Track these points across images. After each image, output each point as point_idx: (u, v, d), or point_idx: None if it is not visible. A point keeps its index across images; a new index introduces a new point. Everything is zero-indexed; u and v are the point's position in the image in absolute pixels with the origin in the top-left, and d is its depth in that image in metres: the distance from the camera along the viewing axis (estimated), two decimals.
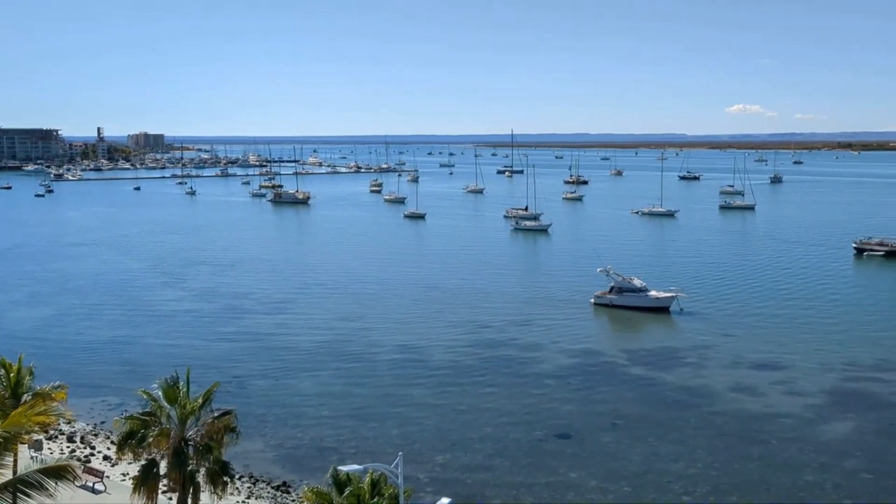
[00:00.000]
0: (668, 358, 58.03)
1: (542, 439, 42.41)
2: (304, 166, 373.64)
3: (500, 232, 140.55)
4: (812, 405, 47.40)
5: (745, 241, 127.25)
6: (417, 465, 38.45)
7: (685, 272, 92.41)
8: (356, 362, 57.16)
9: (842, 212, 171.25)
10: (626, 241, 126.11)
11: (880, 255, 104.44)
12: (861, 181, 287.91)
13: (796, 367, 54.99)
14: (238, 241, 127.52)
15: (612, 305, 73.79)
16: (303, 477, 37.34)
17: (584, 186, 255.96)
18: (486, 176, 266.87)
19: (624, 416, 45.80)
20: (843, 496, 35.39)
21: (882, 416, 45.41)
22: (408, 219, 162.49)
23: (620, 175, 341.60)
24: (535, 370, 54.98)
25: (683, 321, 69.32)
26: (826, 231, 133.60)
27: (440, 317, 71.47)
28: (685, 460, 39.40)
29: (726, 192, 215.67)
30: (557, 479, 37.38)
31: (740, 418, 45.33)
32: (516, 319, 69.86)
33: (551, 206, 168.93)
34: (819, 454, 39.96)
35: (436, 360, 57.46)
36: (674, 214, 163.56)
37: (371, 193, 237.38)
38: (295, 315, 72.95)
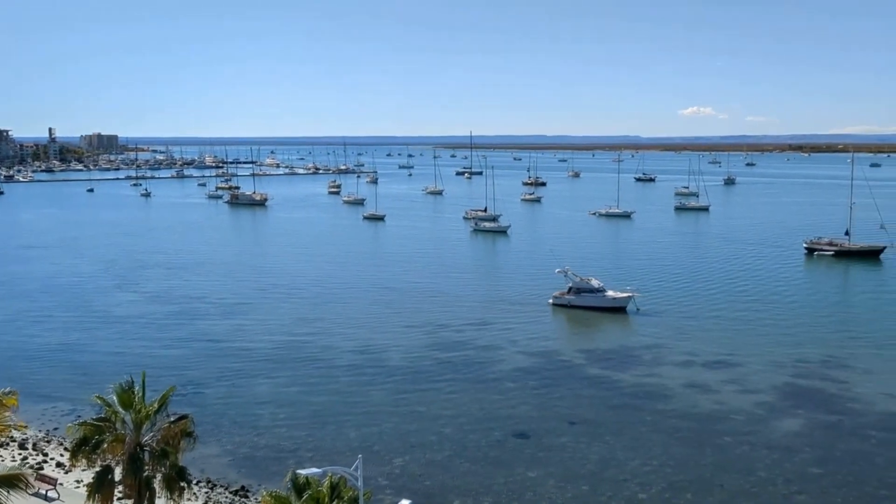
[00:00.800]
0: (624, 357, 58.80)
1: (500, 439, 42.68)
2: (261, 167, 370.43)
3: (460, 233, 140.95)
4: (763, 402, 48.41)
5: (699, 241, 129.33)
6: (377, 467, 38.45)
7: (641, 272, 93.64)
8: (314, 365, 56.89)
9: (793, 212, 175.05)
10: (583, 241, 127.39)
11: (830, 254, 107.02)
12: (811, 182, 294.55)
13: (748, 365, 56.12)
14: (194, 243, 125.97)
15: (570, 306, 74.51)
16: (261, 481, 37.08)
17: (543, 188, 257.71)
18: (446, 177, 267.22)
19: (581, 416, 46.31)
20: (793, 491, 36.22)
21: (830, 412, 46.56)
22: (367, 220, 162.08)
23: (578, 177, 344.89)
24: (494, 371, 55.29)
25: (640, 321, 70.27)
26: (778, 231, 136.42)
27: (399, 318, 71.46)
28: (641, 458, 39.97)
29: (681, 193, 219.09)
30: (516, 479, 37.66)
31: (694, 416, 46.12)
32: (475, 320, 70.16)
33: (510, 208, 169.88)
34: (770, 450, 40.83)
35: (394, 362, 57.46)
36: (630, 216, 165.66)
37: (329, 195, 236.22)
38: (251, 318, 72.34)
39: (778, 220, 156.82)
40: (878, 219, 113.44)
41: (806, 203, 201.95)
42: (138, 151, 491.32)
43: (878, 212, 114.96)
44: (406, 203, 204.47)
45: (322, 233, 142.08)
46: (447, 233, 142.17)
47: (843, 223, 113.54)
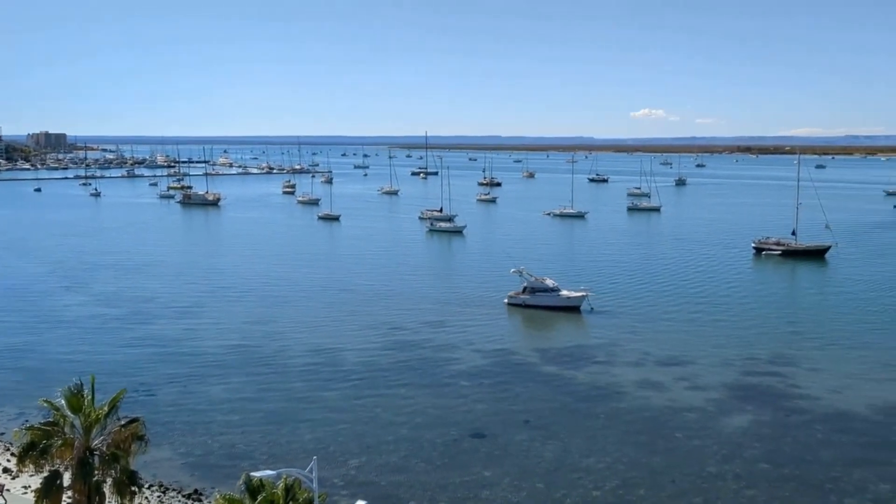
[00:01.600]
0: (578, 356, 59.42)
1: (456, 439, 42.81)
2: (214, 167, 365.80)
3: (415, 233, 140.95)
4: (714, 399, 49.35)
5: (651, 241, 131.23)
6: (332, 468, 38.30)
7: (595, 272, 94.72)
8: (268, 367, 56.40)
9: (742, 213, 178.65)
10: (538, 241, 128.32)
11: (777, 254, 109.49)
12: (759, 183, 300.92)
13: (699, 362, 57.15)
14: (145, 243, 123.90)
15: (525, 305, 75.02)
16: (214, 484, 36.65)
17: (498, 188, 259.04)
18: (401, 177, 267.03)
19: (536, 415, 46.68)
20: (742, 486, 36.98)
21: (778, 408, 47.65)
22: (322, 220, 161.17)
23: (532, 177, 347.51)
24: (450, 371, 55.43)
25: (593, 320, 71.07)
26: (727, 231, 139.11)
27: (354, 319, 71.20)
28: (595, 455, 40.45)
29: (633, 194, 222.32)
30: (472, 478, 37.82)
31: (647, 413, 46.82)
32: (431, 320, 70.24)
33: (466, 208, 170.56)
34: (721, 446, 41.64)
35: (350, 363, 57.25)
36: (584, 216, 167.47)
37: (284, 195, 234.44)
38: (204, 319, 71.42)
39: (727, 221, 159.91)
40: (823, 219, 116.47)
41: (754, 203, 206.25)
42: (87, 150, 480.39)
43: (823, 212, 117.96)
44: (361, 203, 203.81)
45: (276, 233, 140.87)
46: (403, 233, 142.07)
47: (789, 223, 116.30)
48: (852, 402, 48.58)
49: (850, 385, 51.87)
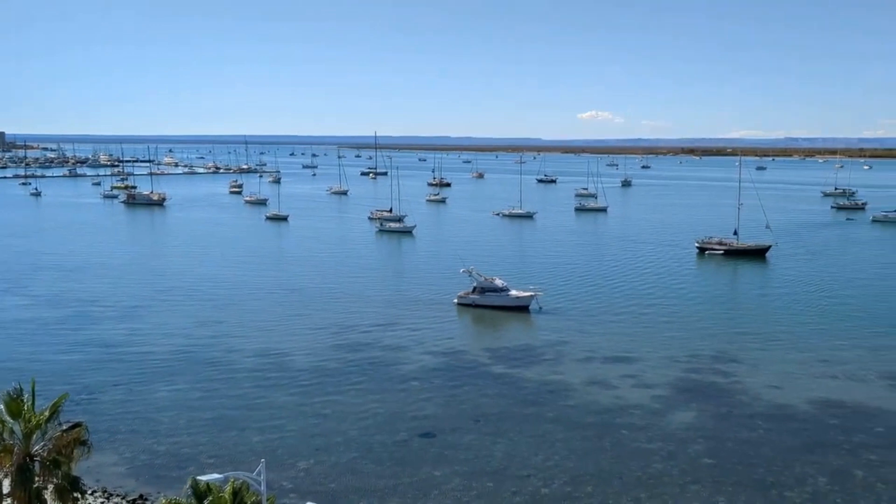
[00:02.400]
0: (527, 355, 59.93)
1: (406, 439, 42.83)
2: (159, 166, 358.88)
3: (365, 234, 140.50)
4: (659, 396, 50.25)
5: (598, 241, 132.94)
6: (281, 471, 37.99)
7: (544, 272, 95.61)
8: (215, 369, 55.65)
9: (686, 213, 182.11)
10: (488, 241, 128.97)
11: (720, 253, 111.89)
12: (702, 184, 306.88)
13: (645, 360, 58.13)
14: (88, 244, 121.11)
15: (474, 305, 75.37)
16: (160, 489, 36.05)
17: (447, 189, 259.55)
18: (350, 177, 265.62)
19: (486, 414, 46.95)
20: (687, 481, 37.73)
21: (721, 404, 48.72)
22: (270, 220, 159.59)
23: (482, 178, 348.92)
24: (400, 371, 55.41)
25: (542, 319, 71.74)
26: (671, 231, 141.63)
27: (303, 320, 70.68)
28: (544, 453, 40.86)
29: (581, 194, 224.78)
30: (422, 479, 37.89)
31: (594, 411, 47.46)
32: (380, 321, 70.10)
33: (415, 208, 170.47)
34: (666, 442, 42.42)
35: (298, 365, 56.83)
36: (533, 216, 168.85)
37: (231, 194, 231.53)
38: (149, 321, 70.14)
39: (672, 221, 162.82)
40: (764, 219, 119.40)
41: (698, 204, 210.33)
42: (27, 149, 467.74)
43: (764, 212, 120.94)
44: (310, 203, 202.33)
45: (223, 233, 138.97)
46: (352, 233, 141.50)
47: (731, 223, 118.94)
48: (792, 397, 49.93)
49: (789, 381, 53.30)
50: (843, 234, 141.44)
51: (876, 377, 54.15)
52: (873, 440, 42.78)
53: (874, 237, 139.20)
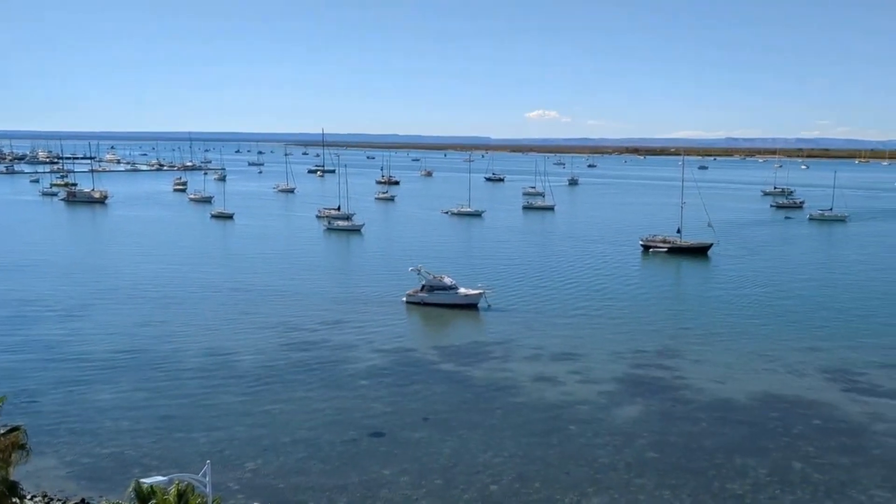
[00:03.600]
0: (476, 353, 60.23)
1: (355, 439, 42.70)
2: (100, 164, 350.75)
3: (313, 232, 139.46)
4: (605, 391, 51.01)
5: (546, 239, 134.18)
6: (227, 472, 37.57)
7: (492, 270, 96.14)
8: (160, 370, 54.70)
9: (630, 212, 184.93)
10: (436, 240, 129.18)
11: (663, 251, 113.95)
12: (646, 183, 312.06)
13: (591, 356, 58.93)
14: (26, 243, 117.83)
15: (423, 303, 75.44)
16: (102, 493, 35.34)
17: (396, 187, 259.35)
18: (297, 175, 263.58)
19: (434, 411, 47.07)
20: (632, 475, 38.38)
21: (665, 399, 49.68)
22: (215, 219, 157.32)
23: (430, 176, 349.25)
24: (348, 370, 55.20)
25: (490, 317, 72.16)
26: (617, 230, 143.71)
27: (250, 319, 69.89)
28: (492, 450, 41.15)
29: (529, 193, 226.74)
30: (371, 478, 37.83)
31: (542, 407, 47.96)
32: (329, 320, 69.72)
33: (364, 206, 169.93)
34: (612, 437, 43.09)
35: (245, 365, 56.20)
36: (481, 214, 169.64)
37: (175, 192, 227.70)
38: (91, 322, 68.59)
39: (617, 219, 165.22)
40: (706, 217, 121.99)
41: (642, 203, 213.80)
42: None
43: (706, 211, 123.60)
44: (256, 201, 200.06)
45: (167, 232, 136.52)
46: (300, 232, 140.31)
47: (675, 222, 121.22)
48: (733, 391, 51.16)
49: (731, 375, 54.59)
50: (781, 232, 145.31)
51: (813, 371, 55.78)
52: (811, 432, 44.09)
53: (811, 235, 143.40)
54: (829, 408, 48.23)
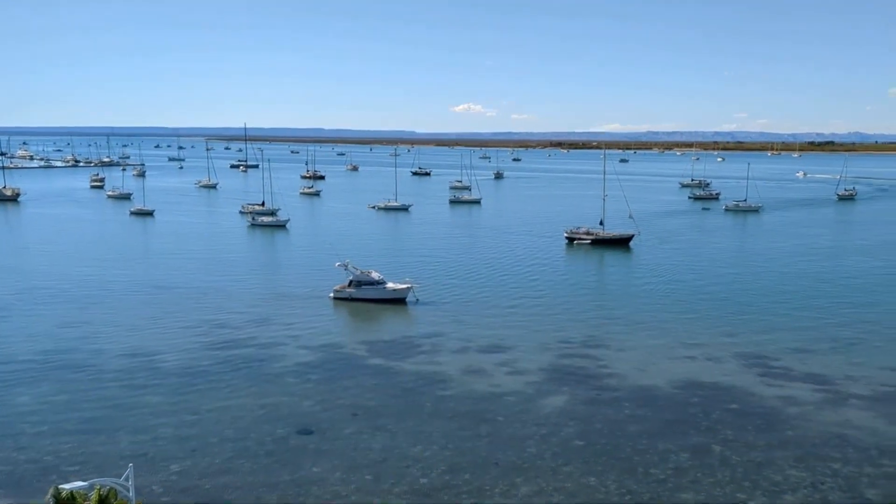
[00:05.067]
0: (405, 347, 60.37)
1: (284, 436, 42.35)
2: (11, 160, 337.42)
3: (236, 228, 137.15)
4: (532, 382, 51.84)
5: (473, 232, 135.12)
6: (151, 475, 36.82)
7: (420, 264, 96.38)
8: (80, 372, 53.10)
9: (555, 204, 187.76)
10: (363, 235, 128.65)
11: (587, 243, 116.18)
12: (570, 176, 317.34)
13: (519, 347, 59.77)
14: None
15: (351, 299, 75.16)
16: (21, 499, 34.15)
17: (321, 181, 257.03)
18: (220, 170, 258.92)
19: (364, 407, 47.04)
20: (560, 463, 39.17)
21: (590, 387, 50.79)
22: (134, 216, 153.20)
23: (356, 170, 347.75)
24: (276, 368, 54.64)
25: (419, 311, 72.38)
26: (542, 222, 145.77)
27: (173, 319, 68.41)
28: (422, 444, 41.39)
29: (455, 187, 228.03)
30: (301, 475, 37.61)
31: (471, 399, 48.44)
32: (255, 317, 68.81)
33: (289, 202, 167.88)
34: (539, 427, 43.85)
35: (169, 365, 55.03)
36: (408, 209, 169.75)
37: (92, 189, 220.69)
38: (7, 324, 66.00)
39: (542, 212, 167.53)
40: (627, 209, 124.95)
41: (566, 195, 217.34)
42: None
43: (627, 203, 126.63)
44: (177, 197, 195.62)
45: (85, 230, 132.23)
46: (223, 228, 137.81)
47: (597, 214, 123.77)
48: (655, 378, 52.65)
49: (653, 363, 56.16)
50: (699, 223, 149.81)
51: (731, 357, 57.83)
52: (729, 417, 45.74)
53: (727, 225, 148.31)
54: (746, 393, 50.10)
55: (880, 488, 36.48)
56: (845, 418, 45.57)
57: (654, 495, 35.77)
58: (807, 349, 60.06)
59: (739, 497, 35.61)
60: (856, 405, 47.93)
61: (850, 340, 62.51)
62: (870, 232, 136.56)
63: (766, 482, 37.12)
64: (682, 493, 36.04)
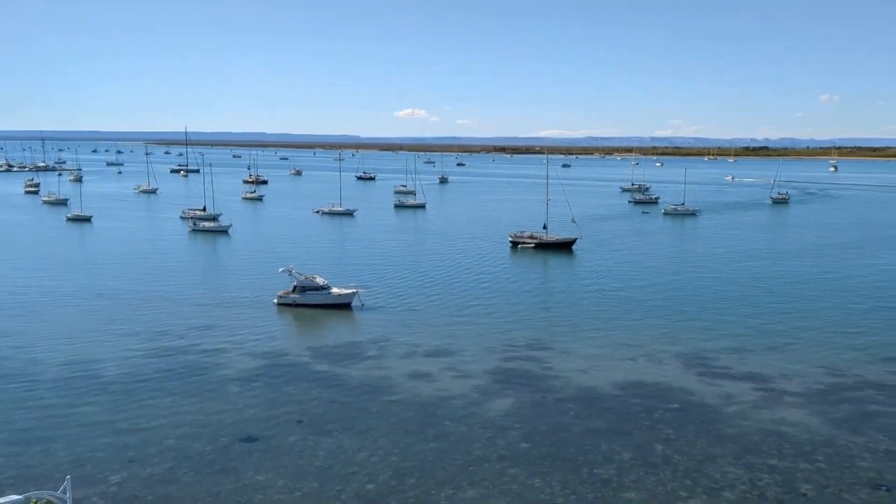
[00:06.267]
0: (350, 353, 60.09)
1: (227, 445, 41.75)
2: None
3: (177, 234, 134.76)
4: (478, 385, 52.11)
5: (418, 237, 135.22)
6: (90, 487, 35.96)
7: (365, 268, 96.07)
8: (16, 382, 51.53)
9: (499, 209, 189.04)
10: (308, 239, 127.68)
11: (531, 246, 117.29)
12: (514, 181, 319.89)
13: (464, 351, 60.01)
14: None
15: (295, 304, 74.50)
16: None
17: (264, 186, 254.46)
18: (160, 175, 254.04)
19: (309, 414, 46.67)
20: (506, 466, 39.45)
21: (535, 390, 51.27)
22: (71, 222, 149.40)
23: (300, 175, 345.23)
24: (218, 375, 53.84)
25: (364, 316, 72.13)
26: (486, 226, 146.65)
27: (113, 327, 66.87)
28: (368, 450, 41.25)
29: (400, 191, 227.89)
30: (244, 484, 37.14)
31: (417, 404, 48.46)
32: (197, 325, 67.70)
33: (231, 207, 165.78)
34: (485, 430, 44.10)
35: (109, 374, 53.78)
36: (353, 213, 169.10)
37: (27, 194, 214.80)
38: None
39: (486, 216, 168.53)
40: (570, 213, 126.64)
41: (510, 200, 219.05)
42: None
43: (569, 207, 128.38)
44: (116, 203, 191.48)
45: (20, 237, 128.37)
46: (163, 234, 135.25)
47: (541, 218, 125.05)
48: (598, 380, 53.42)
49: (596, 365, 56.96)
50: (639, 227, 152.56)
51: (671, 358, 59.00)
52: (670, 416, 46.67)
53: (666, 228, 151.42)
54: (686, 392, 51.18)
55: (814, 483, 37.67)
56: (781, 416, 46.92)
57: (598, 495, 36.30)
58: (744, 349, 61.65)
59: (681, 495, 36.37)
60: (791, 403, 49.38)
61: (784, 340, 64.38)
62: (802, 235, 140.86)
63: (707, 479, 37.98)
64: (625, 492, 36.64)
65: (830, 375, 54.92)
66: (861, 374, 55.12)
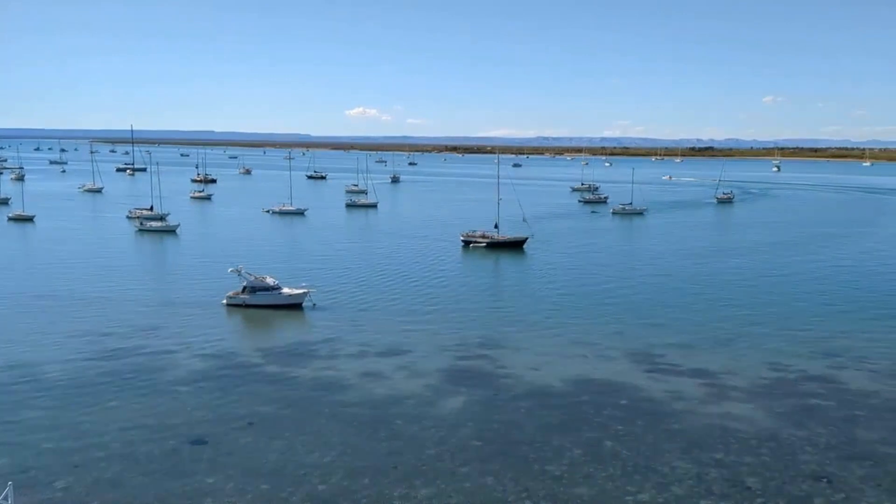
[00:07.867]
0: (301, 353, 59.63)
1: (175, 448, 41.08)
2: None
3: (123, 234, 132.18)
4: (431, 384, 52.16)
5: (370, 237, 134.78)
6: (33, 493, 35.07)
7: (316, 268, 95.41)
8: None
9: (451, 208, 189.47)
10: (258, 239, 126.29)
11: (483, 246, 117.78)
12: (465, 181, 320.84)
13: (416, 350, 60.00)
14: None
15: (245, 305, 73.64)
16: None
17: (213, 185, 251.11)
18: (105, 174, 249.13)
19: (260, 415, 46.18)
20: (458, 464, 39.54)
21: (487, 388, 51.52)
22: (13, 222, 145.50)
23: (249, 174, 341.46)
24: (166, 377, 52.95)
25: (316, 316, 71.64)
26: (438, 226, 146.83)
27: (55, 329, 65.29)
28: (320, 451, 40.98)
29: (351, 191, 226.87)
30: (194, 487, 36.58)
31: (369, 404, 48.30)
32: (144, 326, 66.49)
33: (179, 206, 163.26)
34: (438, 429, 44.16)
35: (51, 377, 52.49)
36: (304, 213, 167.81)
37: None
38: None
39: (438, 216, 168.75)
40: (521, 213, 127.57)
41: (461, 199, 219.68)
42: None
43: (521, 206, 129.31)
44: (60, 202, 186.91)
45: None
46: (109, 233, 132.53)
47: (492, 217, 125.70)
48: (549, 377, 53.90)
49: (547, 362, 57.46)
50: (589, 226, 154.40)
51: (620, 355, 59.82)
52: (619, 412, 47.31)
53: (615, 227, 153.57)
54: (635, 388, 51.94)
55: (759, 476, 38.55)
56: (727, 410, 47.91)
57: (549, 492, 36.62)
58: (690, 345, 62.80)
59: (630, 490, 36.88)
60: (736, 398, 50.46)
61: (729, 336, 65.76)
62: (745, 233, 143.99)
63: (655, 474, 38.59)
64: (576, 488, 37.04)
65: (774, 370, 56.27)
66: (803, 369, 56.57)
